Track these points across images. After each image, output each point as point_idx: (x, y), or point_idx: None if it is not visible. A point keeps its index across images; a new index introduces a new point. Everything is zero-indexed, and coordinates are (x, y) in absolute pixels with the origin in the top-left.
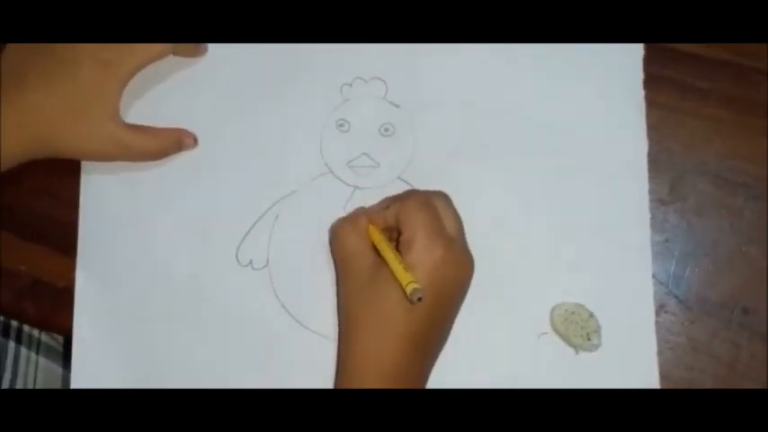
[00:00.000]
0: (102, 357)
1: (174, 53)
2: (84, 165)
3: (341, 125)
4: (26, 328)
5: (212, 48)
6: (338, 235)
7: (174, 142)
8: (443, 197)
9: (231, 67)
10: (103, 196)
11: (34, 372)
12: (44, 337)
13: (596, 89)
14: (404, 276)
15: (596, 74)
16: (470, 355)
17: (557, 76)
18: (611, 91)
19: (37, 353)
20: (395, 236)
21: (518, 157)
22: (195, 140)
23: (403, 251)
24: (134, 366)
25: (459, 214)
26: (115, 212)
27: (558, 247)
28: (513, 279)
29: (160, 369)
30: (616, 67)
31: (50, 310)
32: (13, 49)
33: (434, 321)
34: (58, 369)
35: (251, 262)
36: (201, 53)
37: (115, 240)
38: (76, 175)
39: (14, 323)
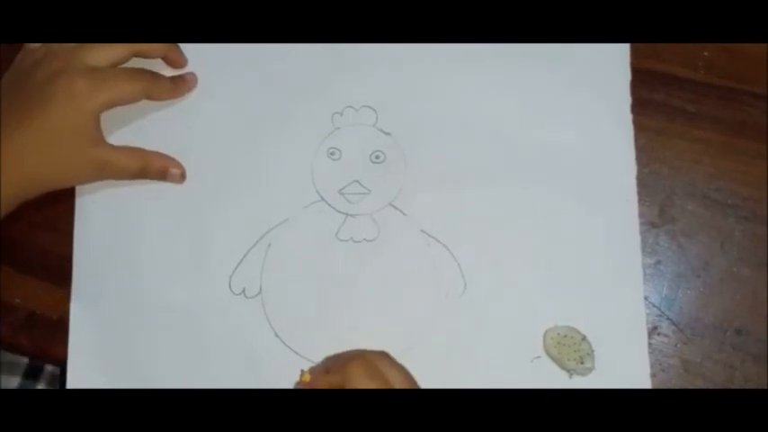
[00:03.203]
0: (97, 387)
1: (149, 98)
2: (79, 197)
3: (332, 153)
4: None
5: (204, 76)
6: None
7: (158, 168)
8: (385, 356)
9: (222, 97)
10: (97, 228)
11: None
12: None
13: (585, 114)
14: None
15: (584, 99)
16: (463, 379)
17: (546, 103)
18: (599, 116)
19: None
20: None
21: (508, 182)
22: (182, 175)
23: None
24: None
25: (404, 366)
26: (109, 244)
27: (549, 272)
28: (506, 304)
29: None
30: (604, 92)
31: (45, 342)
32: None
33: None
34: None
35: (244, 290)
36: (178, 95)
37: (109, 272)
38: (70, 207)
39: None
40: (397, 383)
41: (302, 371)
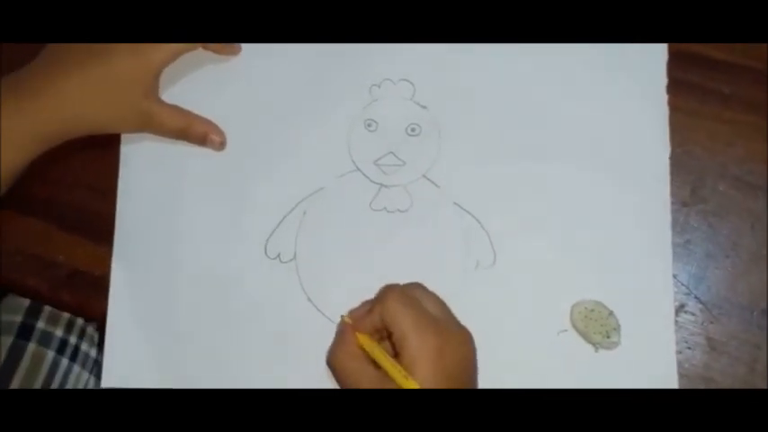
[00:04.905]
0: (134, 344)
1: (205, 47)
2: (123, 158)
3: (369, 125)
4: (84, 346)
5: (246, 48)
6: (336, 366)
7: (199, 132)
8: (418, 286)
9: (263, 66)
10: (140, 189)
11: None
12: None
13: (621, 93)
14: (405, 384)
15: (621, 78)
16: (490, 351)
17: (581, 81)
18: (635, 95)
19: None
20: (385, 335)
21: (542, 158)
22: (222, 143)
23: (398, 350)
24: (163, 354)
25: (439, 297)
26: (151, 205)
27: (579, 246)
28: (534, 276)
29: (188, 356)
30: (640, 72)
31: (86, 297)
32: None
33: None
34: None
35: (279, 255)
36: (231, 52)
37: (150, 232)
38: (114, 167)
39: (73, 340)
40: (433, 309)
41: (342, 316)
